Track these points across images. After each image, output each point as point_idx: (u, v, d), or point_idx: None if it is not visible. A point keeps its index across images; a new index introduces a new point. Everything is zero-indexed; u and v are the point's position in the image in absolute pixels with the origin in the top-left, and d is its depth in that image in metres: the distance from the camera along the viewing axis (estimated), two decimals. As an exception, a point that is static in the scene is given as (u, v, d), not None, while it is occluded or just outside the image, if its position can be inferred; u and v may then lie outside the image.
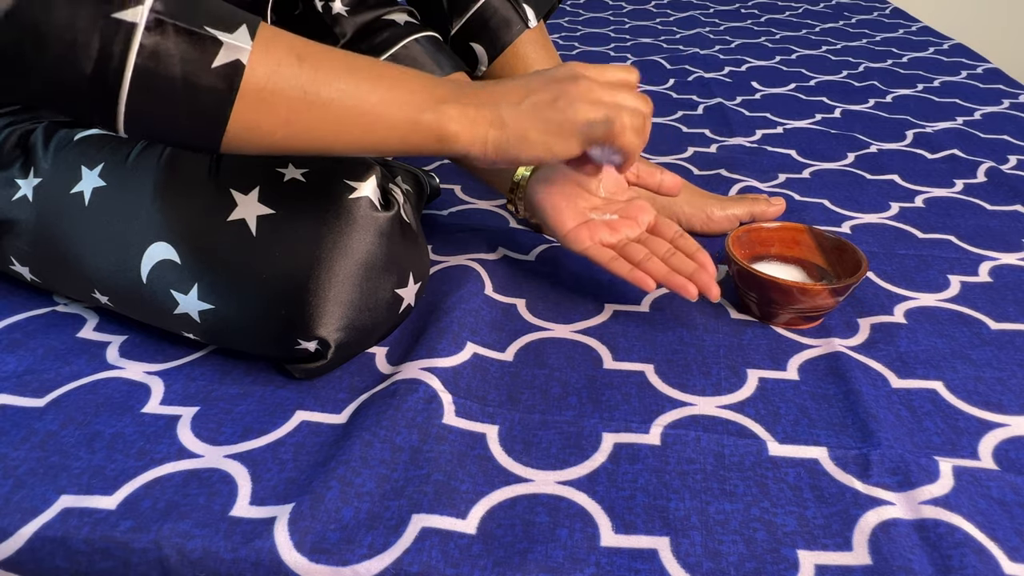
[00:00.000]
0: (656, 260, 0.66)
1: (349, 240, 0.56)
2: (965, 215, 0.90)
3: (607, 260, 0.66)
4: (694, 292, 0.64)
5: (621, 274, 0.65)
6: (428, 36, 0.78)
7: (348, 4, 0.76)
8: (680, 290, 0.64)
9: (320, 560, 0.45)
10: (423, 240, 0.65)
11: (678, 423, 0.56)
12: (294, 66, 0.45)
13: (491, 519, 0.48)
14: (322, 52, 0.48)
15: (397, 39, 0.76)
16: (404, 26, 0.77)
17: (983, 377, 0.62)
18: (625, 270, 0.65)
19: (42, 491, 0.49)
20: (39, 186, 0.61)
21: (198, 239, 0.56)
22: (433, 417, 0.55)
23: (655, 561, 0.45)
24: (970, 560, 0.45)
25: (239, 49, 0.43)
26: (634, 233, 0.69)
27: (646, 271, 0.65)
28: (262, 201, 0.56)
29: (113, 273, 0.59)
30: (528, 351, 0.65)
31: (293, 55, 0.45)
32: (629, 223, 0.69)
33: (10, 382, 0.59)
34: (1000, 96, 1.32)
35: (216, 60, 0.42)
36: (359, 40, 0.76)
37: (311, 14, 0.76)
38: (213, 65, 0.42)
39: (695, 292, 0.64)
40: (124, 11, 0.40)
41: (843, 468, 0.52)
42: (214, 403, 0.58)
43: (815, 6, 1.98)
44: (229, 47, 0.42)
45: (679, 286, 0.64)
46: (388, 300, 0.59)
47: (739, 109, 1.24)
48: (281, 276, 0.55)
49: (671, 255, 0.67)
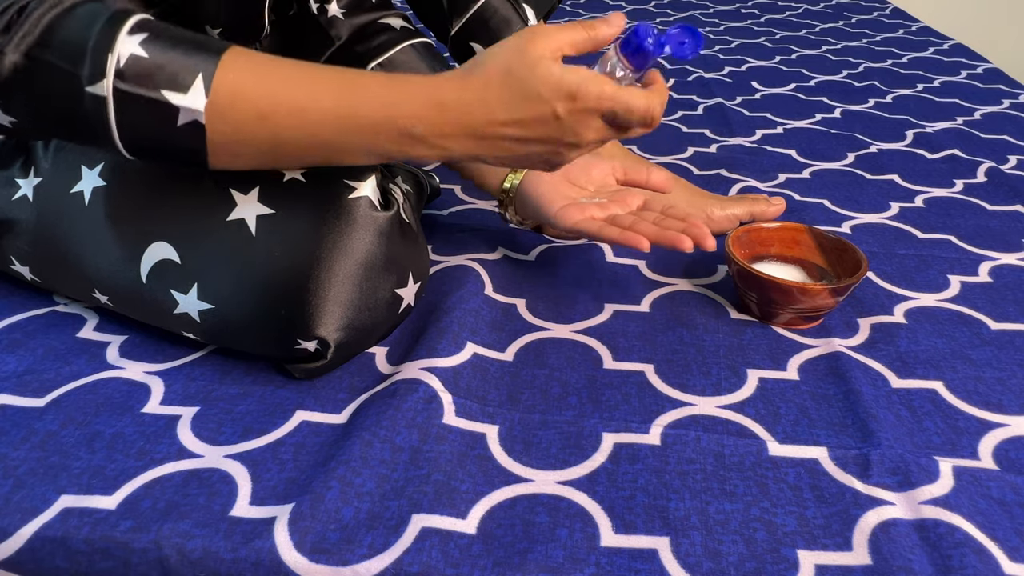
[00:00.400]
0: (646, 223, 0.66)
1: (349, 240, 0.56)
2: (965, 215, 0.90)
3: (597, 228, 0.66)
4: (689, 243, 0.63)
5: (612, 238, 0.65)
6: (423, 42, 0.79)
7: (344, 7, 0.76)
8: (675, 243, 0.63)
9: (320, 560, 0.45)
10: (423, 240, 0.65)
11: (678, 423, 0.56)
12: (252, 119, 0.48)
13: (491, 519, 0.48)
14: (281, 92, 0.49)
15: (392, 44, 0.76)
16: (400, 31, 0.77)
17: (983, 377, 0.62)
18: (615, 233, 0.65)
19: (42, 491, 0.49)
20: (39, 186, 0.61)
21: (198, 239, 0.56)
22: (433, 417, 0.55)
23: (655, 561, 0.45)
24: (970, 560, 0.45)
25: (194, 112, 0.47)
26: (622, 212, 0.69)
27: (637, 232, 0.65)
28: (262, 201, 0.56)
29: (113, 273, 0.59)
30: (528, 351, 0.65)
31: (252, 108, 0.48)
32: (618, 205, 0.70)
33: (10, 382, 0.59)
34: (1000, 96, 1.32)
35: (179, 120, 0.47)
36: (355, 43, 0.76)
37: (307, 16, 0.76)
38: (178, 124, 0.47)
39: (690, 243, 0.63)
40: (93, 86, 0.45)
41: (843, 468, 0.52)
42: (214, 403, 0.58)
43: (815, 6, 1.98)
44: (185, 110, 0.47)
45: (672, 240, 0.63)
46: (388, 300, 0.59)
47: (739, 109, 1.24)
48: (281, 276, 0.55)
49: (661, 220, 0.67)
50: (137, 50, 0.46)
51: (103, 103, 0.46)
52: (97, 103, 0.46)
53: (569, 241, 0.83)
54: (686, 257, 0.80)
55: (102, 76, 0.45)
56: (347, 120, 0.50)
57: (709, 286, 0.75)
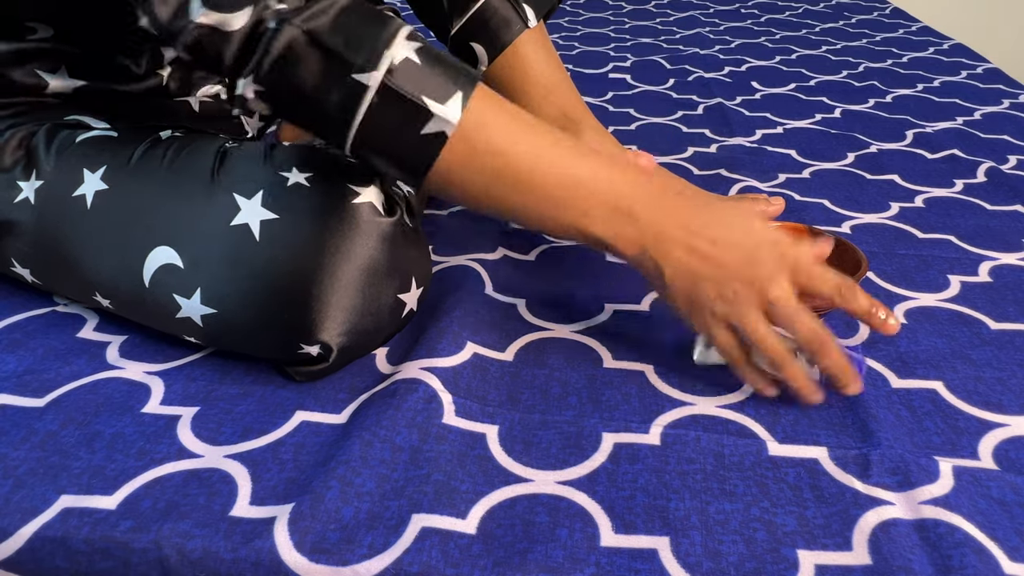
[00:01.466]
0: None
1: (352, 245, 0.56)
2: (965, 215, 0.90)
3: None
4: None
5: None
6: None
7: None
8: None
9: (320, 560, 0.45)
10: (425, 244, 0.65)
11: (678, 423, 0.56)
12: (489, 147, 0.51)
13: (491, 519, 0.48)
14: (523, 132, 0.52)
15: None
16: None
17: (983, 377, 0.62)
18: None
19: (42, 491, 0.49)
20: (41, 188, 0.61)
21: (201, 243, 0.56)
22: (433, 417, 0.55)
23: (655, 561, 0.46)
24: (970, 560, 0.45)
25: (447, 122, 0.50)
26: None
27: None
28: (265, 206, 0.56)
29: (115, 277, 0.59)
30: (528, 351, 0.65)
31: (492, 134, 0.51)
32: None
33: (10, 382, 0.59)
34: (1000, 96, 1.32)
35: (426, 127, 0.50)
36: None
37: None
38: (423, 132, 0.50)
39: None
40: (361, 74, 0.49)
41: (843, 468, 0.52)
42: (214, 403, 0.58)
43: (815, 6, 1.98)
44: (438, 119, 0.50)
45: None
46: (391, 305, 0.59)
47: (739, 109, 1.24)
48: (284, 281, 0.55)
49: None
50: (413, 55, 0.50)
51: (363, 92, 0.49)
52: (356, 91, 0.49)
53: (569, 241, 0.83)
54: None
55: (375, 68, 0.48)
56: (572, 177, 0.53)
57: (709, 286, 0.75)
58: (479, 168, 0.52)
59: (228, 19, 0.47)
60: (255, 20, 0.48)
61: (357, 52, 0.48)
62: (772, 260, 0.54)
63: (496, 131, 0.52)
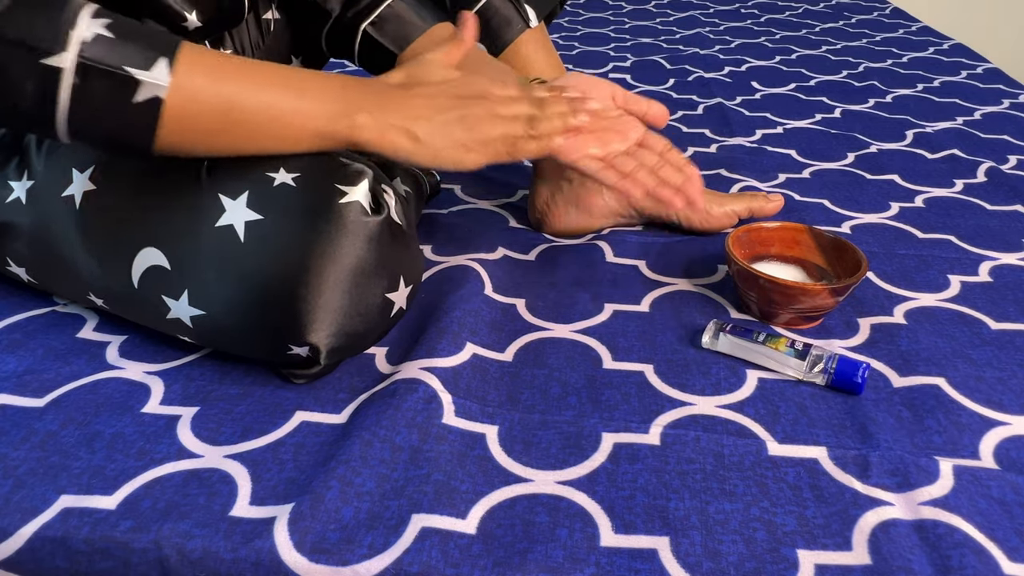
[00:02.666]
0: (645, 171, 0.67)
1: (338, 246, 0.55)
2: (965, 215, 0.90)
3: (596, 170, 0.66)
4: (680, 203, 0.66)
5: (610, 182, 0.66)
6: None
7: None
8: (668, 202, 0.66)
9: (320, 560, 0.45)
10: (416, 243, 0.64)
11: (678, 423, 0.56)
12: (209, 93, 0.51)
13: (491, 519, 0.48)
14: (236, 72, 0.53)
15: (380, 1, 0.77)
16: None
17: (983, 377, 0.62)
18: (613, 179, 0.66)
19: (42, 491, 0.49)
20: (32, 188, 0.61)
21: (186, 245, 0.56)
22: (433, 417, 0.55)
23: (655, 561, 0.46)
24: (970, 560, 0.45)
25: (157, 87, 0.49)
26: (622, 146, 0.69)
27: (635, 181, 0.66)
28: (250, 206, 0.55)
29: (106, 278, 0.59)
30: (528, 351, 0.65)
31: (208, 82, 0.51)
32: (618, 136, 0.69)
33: (10, 382, 0.59)
34: (1000, 96, 1.32)
35: (137, 96, 0.49)
36: (347, 9, 0.77)
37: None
38: (134, 100, 0.49)
39: (681, 203, 0.66)
40: (50, 58, 0.46)
41: (843, 468, 0.52)
42: (214, 403, 0.58)
43: (815, 6, 1.98)
44: (147, 85, 0.49)
45: (667, 198, 0.66)
46: (379, 305, 0.58)
47: (739, 109, 1.24)
48: (270, 282, 0.54)
49: (660, 167, 0.68)
50: (103, 31, 0.48)
51: (58, 76, 0.46)
52: (51, 76, 0.46)
53: (569, 241, 0.83)
54: (686, 257, 0.80)
55: (63, 49, 0.46)
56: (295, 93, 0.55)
57: (709, 286, 0.75)
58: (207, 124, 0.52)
59: None
60: None
61: (40, 37, 0.46)
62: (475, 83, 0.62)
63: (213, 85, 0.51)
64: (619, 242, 0.82)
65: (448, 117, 0.59)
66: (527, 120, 0.62)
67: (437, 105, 0.59)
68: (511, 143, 0.61)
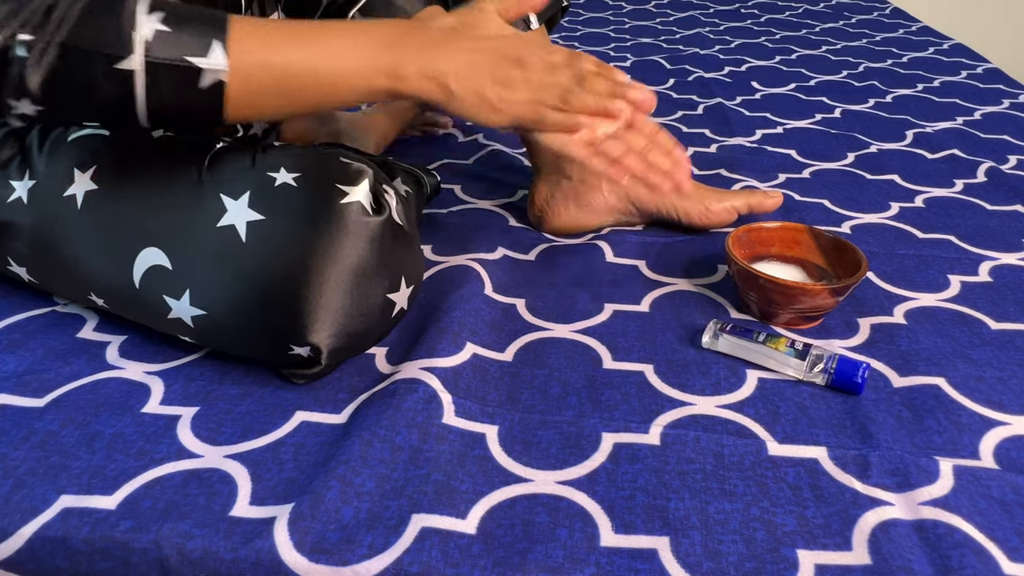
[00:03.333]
0: (634, 155, 0.66)
1: (340, 246, 0.55)
2: (965, 215, 0.90)
3: (586, 156, 0.65)
4: (668, 187, 0.66)
5: (599, 169, 0.66)
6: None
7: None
8: (655, 188, 0.66)
9: (320, 560, 0.45)
10: (417, 243, 0.64)
11: (678, 423, 0.56)
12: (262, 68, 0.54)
13: (491, 519, 0.48)
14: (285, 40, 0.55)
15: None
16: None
17: (984, 377, 0.62)
18: (602, 165, 0.66)
19: (42, 491, 0.49)
20: (34, 188, 0.61)
21: (188, 245, 0.56)
22: (433, 417, 0.55)
23: (655, 561, 0.46)
24: (969, 560, 0.45)
25: (217, 71, 0.52)
26: (611, 128, 0.68)
27: (623, 166, 0.66)
28: (252, 207, 0.55)
29: (107, 277, 0.59)
30: (528, 351, 0.65)
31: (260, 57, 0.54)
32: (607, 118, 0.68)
33: (10, 382, 0.59)
34: (1000, 96, 1.32)
35: (201, 82, 0.52)
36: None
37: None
38: (200, 86, 0.52)
39: (669, 187, 0.66)
40: (122, 63, 0.50)
41: (843, 468, 0.52)
42: (214, 403, 0.58)
43: (815, 6, 1.98)
44: (208, 72, 0.52)
45: (655, 183, 0.66)
46: (380, 305, 0.58)
47: (739, 109, 1.24)
48: (271, 283, 0.54)
49: (648, 150, 0.67)
50: (160, 26, 0.51)
51: (131, 77, 0.51)
52: (126, 78, 0.51)
53: (569, 241, 0.83)
54: (686, 257, 0.80)
55: (131, 52, 0.50)
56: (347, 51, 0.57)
57: (709, 286, 0.75)
58: (266, 95, 0.55)
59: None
60: (2, 48, 0.49)
61: (109, 44, 0.50)
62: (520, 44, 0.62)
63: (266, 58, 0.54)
64: (619, 242, 0.82)
65: (484, 74, 0.59)
66: (562, 91, 0.62)
67: (477, 61, 0.59)
68: (536, 111, 0.61)
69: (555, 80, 0.62)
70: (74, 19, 0.50)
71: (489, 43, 0.61)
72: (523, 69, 0.60)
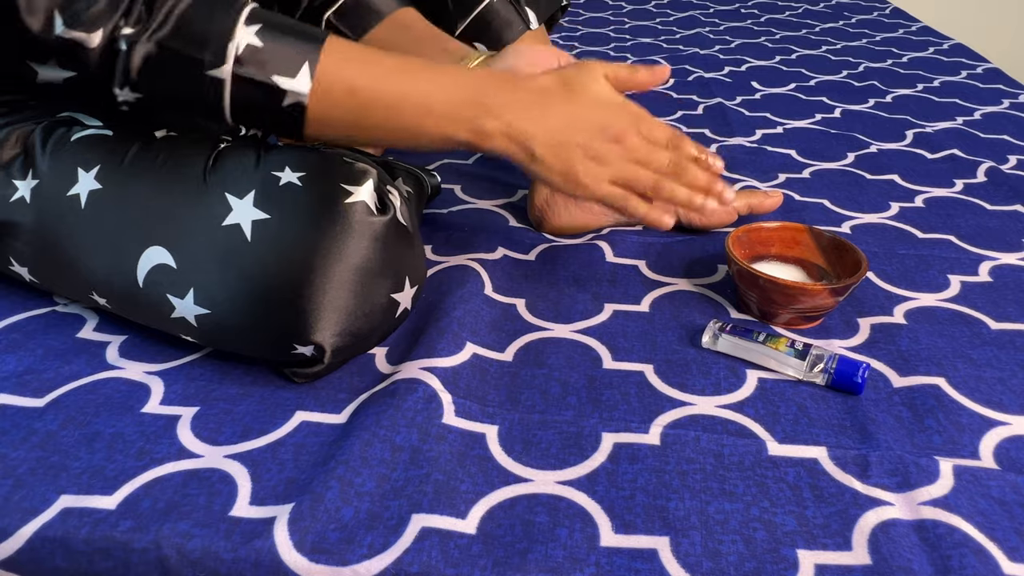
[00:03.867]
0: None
1: (344, 246, 0.55)
2: (965, 215, 0.90)
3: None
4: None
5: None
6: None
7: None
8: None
9: (320, 560, 0.45)
10: (420, 243, 0.64)
11: (678, 423, 0.56)
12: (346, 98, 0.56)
13: (491, 519, 0.48)
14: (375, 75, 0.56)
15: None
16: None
17: (984, 377, 0.62)
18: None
19: (42, 491, 0.49)
20: (37, 187, 0.61)
21: (193, 244, 0.56)
22: (433, 417, 0.55)
23: (655, 561, 0.46)
24: (969, 560, 0.45)
25: (300, 95, 0.54)
26: None
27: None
28: (257, 206, 0.56)
29: (110, 277, 0.59)
30: (528, 351, 0.65)
31: (346, 88, 0.55)
32: None
33: (10, 382, 0.59)
34: (1000, 96, 1.32)
35: (284, 101, 0.54)
36: None
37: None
38: (283, 105, 0.55)
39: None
40: (214, 70, 0.53)
41: (842, 468, 0.52)
42: (214, 403, 0.58)
43: (815, 6, 1.98)
44: (291, 93, 0.54)
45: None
46: (384, 305, 0.59)
47: (739, 109, 1.24)
48: (276, 282, 0.54)
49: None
50: (253, 40, 0.53)
51: (222, 85, 0.53)
52: (216, 84, 0.53)
53: (569, 241, 0.83)
54: (686, 257, 0.80)
55: (223, 62, 0.52)
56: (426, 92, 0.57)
57: (709, 286, 0.75)
58: (344, 115, 0.56)
59: (86, 37, 0.51)
60: (108, 40, 0.51)
61: (204, 50, 0.52)
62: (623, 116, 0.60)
63: (351, 90, 0.55)
64: (619, 242, 0.82)
65: (576, 146, 0.58)
66: (656, 180, 0.59)
67: (571, 128, 0.58)
68: (624, 195, 0.60)
69: (652, 164, 0.59)
70: (177, 17, 0.52)
71: (590, 111, 0.59)
72: (621, 145, 0.58)
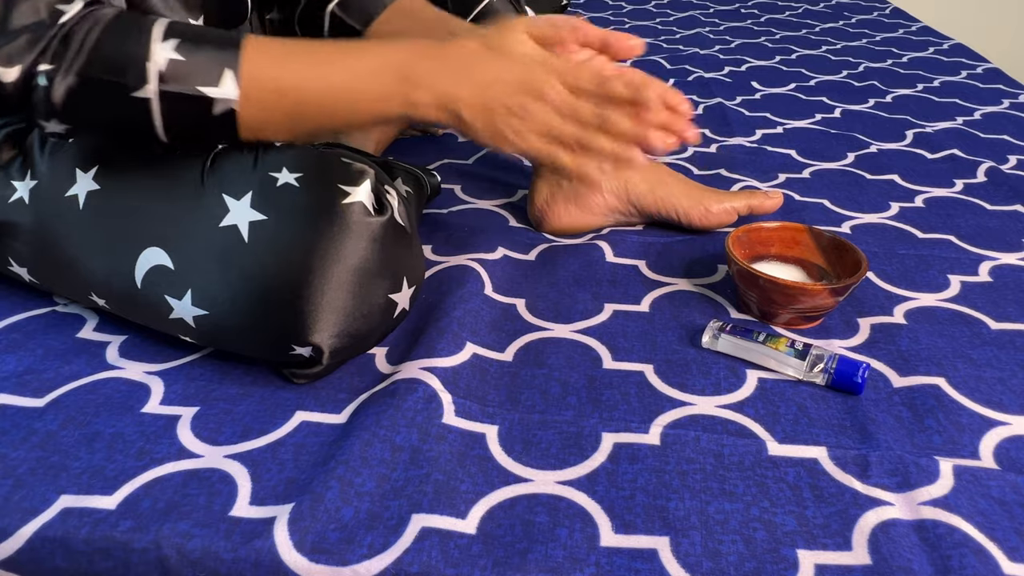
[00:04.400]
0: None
1: (342, 246, 0.55)
2: (965, 215, 0.90)
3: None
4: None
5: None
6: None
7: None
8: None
9: (320, 560, 0.45)
10: (418, 243, 0.64)
11: (677, 423, 0.56)
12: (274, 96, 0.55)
13: (491, 519, 0.48)
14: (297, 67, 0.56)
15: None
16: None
17: (983, 376, 0.62)
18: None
19: (42, 491, 0.49)
20: (35, 188, 0.61)
21: (190, 245, 0.56)
22: (433, 417, 0.55)
23: (655, 561, 0.46)
24: (969, 560, 0.45)
25: (228, 101, 0.54)
26: None
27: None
28: (254, 207, 0.55)
29: (108, 277, 0.59)
30: (528, 351, 0.65)
31: (272, 86, 0.55)
32: None
33: (10, 382, 0.59)
34: (1000, 96, 1.32)
35: (215, 109, 0.54)
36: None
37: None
38: (214, 113, 0.54)
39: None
40: (137, 91, 0.52)
41: (842, 468, 0.52)
42: (214, 403, 0.58)
43: (815, 6, 1.98)
44: (219, 101, 0.53)
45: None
46: (382, 305, 0.58)
47: (739, 109, 1.24)
48: (274, 283, 0.54)
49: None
50: (173, 55, 0.52)
51: (148, 104, 0.53)
52: (143, 105, 0.53)
53: (569, 241, 0.83)
54: (686, 257, 0.80)
55: (145, 82, 0.52)
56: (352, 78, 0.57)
57: (709, 286, 0.75)
58: (279, 113, 0.56)
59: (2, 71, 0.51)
60: (24, 76, 0.51)
61: (124, 74, 0.52)
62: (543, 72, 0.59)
63: (278, 87, 0.55)
64: (619, 242, 0.82)
65: (498, 104, 0.58)
66: (579, 131, 0.59)
67: (494, 88, 0.58)
68: (549, 149, 0.59)
69: (575, 117, 0.59)
70: (90, 48, 0.51)
71: (510, 69, 0.59)
72: (542, 100, 0.58)
